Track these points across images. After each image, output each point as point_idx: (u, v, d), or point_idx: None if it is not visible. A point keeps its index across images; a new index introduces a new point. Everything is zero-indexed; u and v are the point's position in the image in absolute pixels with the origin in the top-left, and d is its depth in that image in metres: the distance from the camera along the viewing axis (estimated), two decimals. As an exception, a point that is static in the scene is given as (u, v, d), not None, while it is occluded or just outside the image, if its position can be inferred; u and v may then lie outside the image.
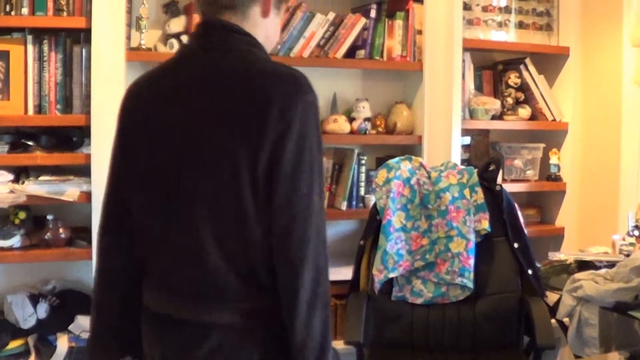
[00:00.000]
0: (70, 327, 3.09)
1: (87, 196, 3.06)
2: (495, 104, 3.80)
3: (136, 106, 1.76)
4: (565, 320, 2.95)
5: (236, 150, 1.59)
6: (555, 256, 3.29)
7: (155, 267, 1.76)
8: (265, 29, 1.75)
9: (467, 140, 3.85)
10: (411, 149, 3.63)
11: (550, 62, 4.01)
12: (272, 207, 1.60)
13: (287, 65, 1.69)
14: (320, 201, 1.65)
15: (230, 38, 1.69)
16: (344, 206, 3.52)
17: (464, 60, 3.68)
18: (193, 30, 1.78)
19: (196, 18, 3.25)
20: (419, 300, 2.97)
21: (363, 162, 3.59)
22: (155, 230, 1.72)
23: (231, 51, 1.68)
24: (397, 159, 3.13)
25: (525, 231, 3.05)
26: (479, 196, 3.02)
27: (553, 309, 2.99)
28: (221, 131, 1.61)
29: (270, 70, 1.66)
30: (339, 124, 3.49)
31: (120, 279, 1.82)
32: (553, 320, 2.96)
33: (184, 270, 1.68)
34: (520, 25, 3.93)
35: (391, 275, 2.94)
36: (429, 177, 3.09)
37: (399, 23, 3.58)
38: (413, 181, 3.06)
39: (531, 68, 3.94)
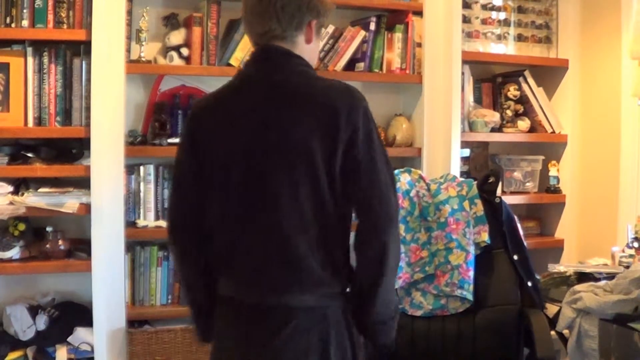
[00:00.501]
0: (69, 339, 3.08)
1: (87, 208, 3.06)
2: (494, 117, 3.81)
3: (215, 120, 2.01)
4: (565, 332, 2.95)
5: (314, 152, 1.90)
6: (554, 268, 3.29)
7: (238, 261, 1.98)
8: (308, 53, 2.07)
9: (467, 152, 3.85)
10: (411, 161, 3.63)
11: (549, 74, 4.02)
12: (358, 191, 1.94)
13: (340, 81, 2.05)
14: (393, 180, 1.99)
15: (289, 61, 2.01)
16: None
17: (463, 73, 3.69)
18: (252, 54, 2.07)
19: (196, 31, 3.26)
20: (419, 313, 2.96)
21: (363, 174, 3.59)
22: (239, 228, 1.96)
23: (293, 72, 2.00)
24: (396, 171, 3.12)
25: (525, 243, 3.05)
26: (479, 208, 3.02)
27: (553, 321, 2.99)
28: (299, 137, 1.91)
29: (331, 86, 2.01)
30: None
31: (201, 271, 2.09)
32: (553, 332, 2.95)
33: (272, 261, 1.93)
34: (520, 37, 3.94)
35: (391, 287, 2.93)
36: (429, 190, 3.09)
37: (398, 36, 3.59)
38: (412, 193, 3.06)
39: (530, 80, 3.95)
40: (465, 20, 3.75)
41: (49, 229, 3.15)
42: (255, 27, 2.02)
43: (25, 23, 3.03)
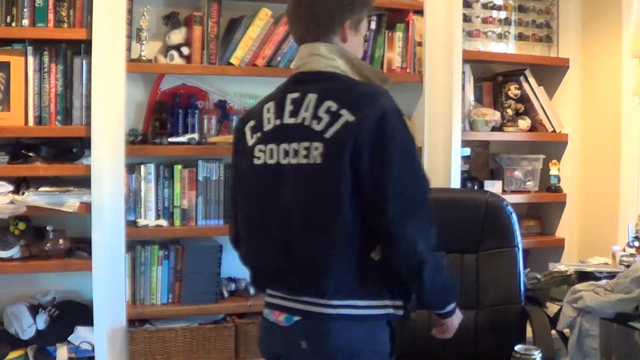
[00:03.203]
0: (70, 338, 3.09)
1: (87, 207, 3.06)
2: (495, 116, 3.81)
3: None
4: (566, 331, 2.95)
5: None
6: (555, 267, 3.28)
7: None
8: (350, 47, 2.04)
9: (467, 151, 3.85)
10: (411, 160, 3.62)
11: (550, 73, 4.02)
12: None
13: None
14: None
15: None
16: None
17: (463, 72, 3.69)
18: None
19: (196, 30, 3.26)
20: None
21: (363, 173, 3.59)
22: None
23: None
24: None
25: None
26: (479, 207, 3.01)
27: (553, 320, 2.98)
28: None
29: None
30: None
31: None
32: (553, 331, 2.94)
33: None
34: (520, 37, 3.94)
35: (391, 286, 2.93)
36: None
37: (399, 35, 3.59)
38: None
39: (531, 79, 3.94)
40: (466, 19, 3.75)
41: (49, 228, 3.14)
42: (294, 31, 2.09)
43: (25, 22, 3.03)
